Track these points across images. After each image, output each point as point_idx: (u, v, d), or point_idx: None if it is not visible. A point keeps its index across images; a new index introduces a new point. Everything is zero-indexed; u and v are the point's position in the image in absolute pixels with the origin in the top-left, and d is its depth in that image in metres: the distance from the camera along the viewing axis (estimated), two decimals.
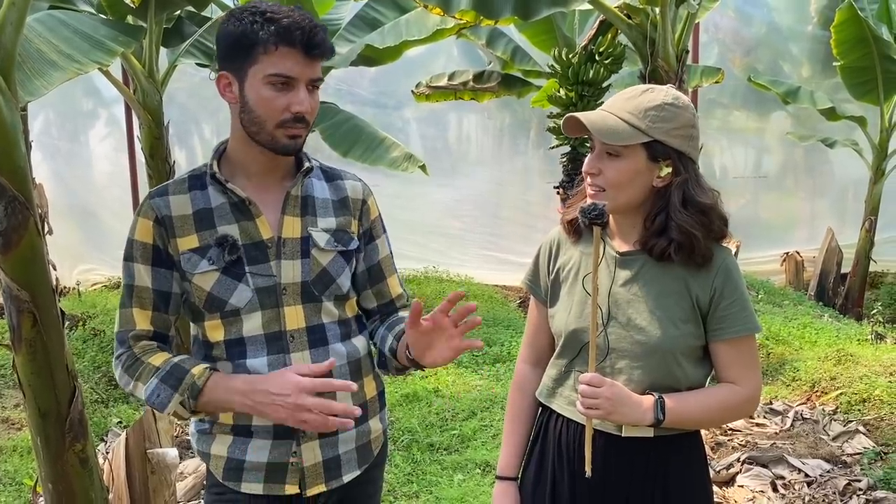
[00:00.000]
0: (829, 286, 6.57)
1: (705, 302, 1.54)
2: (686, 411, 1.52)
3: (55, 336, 2.20)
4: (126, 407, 4.23)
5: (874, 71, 5.83)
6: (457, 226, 7.32)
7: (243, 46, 1.46)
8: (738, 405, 1.59)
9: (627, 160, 1.50)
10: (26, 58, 2.45)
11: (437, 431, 3.87)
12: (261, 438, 1.55)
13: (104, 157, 7.05)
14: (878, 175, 6.31)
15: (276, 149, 1.50)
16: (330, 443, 1.58)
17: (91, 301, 5.85)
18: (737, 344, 1.56)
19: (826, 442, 3.67)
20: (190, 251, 1.51)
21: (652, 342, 1.52)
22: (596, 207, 1.45)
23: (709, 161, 6.96)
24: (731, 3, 6.83)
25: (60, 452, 2.27)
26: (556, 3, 3.35)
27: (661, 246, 1.51)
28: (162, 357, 1.52)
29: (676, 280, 1.54)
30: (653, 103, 1.49)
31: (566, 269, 1.65)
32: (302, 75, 1.46)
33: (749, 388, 1.57)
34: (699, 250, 1.50)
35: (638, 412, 1.49)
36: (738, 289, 1.55)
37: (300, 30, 1.44)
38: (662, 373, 1.54)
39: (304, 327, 1.55)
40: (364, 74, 6.95)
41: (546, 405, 1.68)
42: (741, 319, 1.54)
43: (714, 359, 1.58)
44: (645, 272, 1.55)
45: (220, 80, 1.52)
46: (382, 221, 1.73)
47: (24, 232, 2.09)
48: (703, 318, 1.55)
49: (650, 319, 1.53)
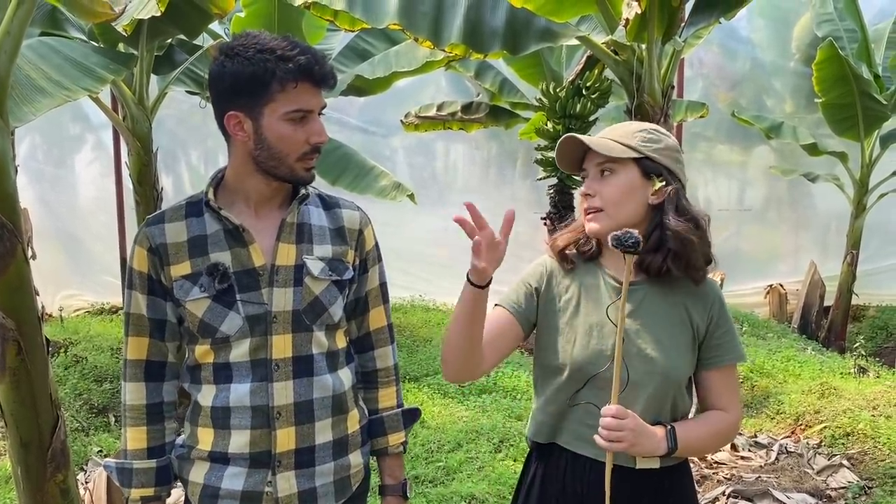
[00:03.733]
0: (812, 319, 6.62)
1: (703, 331, 1.59)
2: (691, 440, 1.56)
3: (39, 364, 2.18)
4: (107, 435, 4.18)
5: (854, 108, 5.94)
6: (444, 254, 7.32)
7: (257, 85, 1.45)
8: (729, 432, 1.64)
9: (622, 176, 1.54)
10: (15, 84, 2.45)
11: (423, 463, 3.83)
12: (237, 466, 1.54)
13: (90, 182, 7.02)
14: (859, 210, 6.40)
15: (295, 180, 1.54)
16: (306, 474, 1.57)
17: (73, 327, 5.78)
18: (727, 371, 1.62)
19: (811, 476, 3.68)
20: (182, 278, 1.52)
21: (664, 372, 1.54)
22: (632, 235, 1.44)
23: (693, 193, 7.02)
24: (715, 39, 6.95)
25: (41, 483, 2.24)
26: (544, 39, 3.39)
27: (657, 261, 1.54)
28: (134, 437, 1.58)
29: (677, 308, 1.57)
30: (640, 127, 1.58)
31: (563, 300, 1.63)
32: (317, 107, 1.49)
33: (736, 414, 1.63)
34: (695, 260, 1.54)
35: (654, 443, 1.51)
36: (729, 318, 1.62)
37: (317, 65, 1.46)
38: (670, 403, 1.57)
39: (290, 357, 1.54)
40: (353, 103, 6.98)
41: (545, 444, 1.64)
42: (733, 347, 1.61)
43: (703, 386, 1.62)
44: (648, 302, 1.57)
45: (229, 120, 1.49)
46: (379, 251, 1.73)
47: (12, 259, 2.08)
48: (699, 347, 1.59)
49: (659, 349, 1.55)
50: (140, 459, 1.57)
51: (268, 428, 1.53)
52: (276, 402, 1.52)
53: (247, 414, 1.52)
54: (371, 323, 1.72)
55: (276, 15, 4.68)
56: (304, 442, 1.56)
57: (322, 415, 1.57)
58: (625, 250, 1.45)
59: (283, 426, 1.53)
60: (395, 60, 5.02)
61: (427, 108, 6.12)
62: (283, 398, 1.53)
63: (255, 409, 1.52)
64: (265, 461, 1.54)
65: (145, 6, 2.75)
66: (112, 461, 1.60)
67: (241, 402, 1.52)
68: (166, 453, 1.60)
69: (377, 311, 1.72)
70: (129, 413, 1.58)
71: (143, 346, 1.56)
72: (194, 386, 1.58)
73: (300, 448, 1.55)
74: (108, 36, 3.92)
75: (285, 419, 1.53)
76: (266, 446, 1.53)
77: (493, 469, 3.72)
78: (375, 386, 1.73)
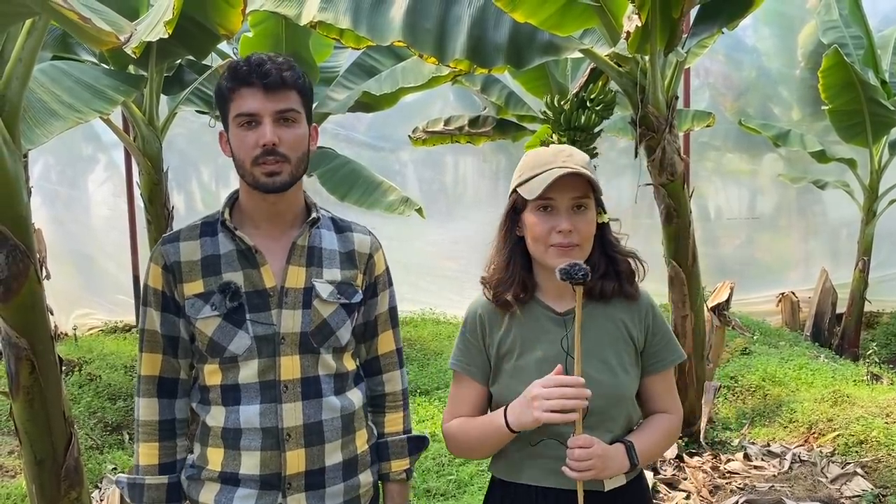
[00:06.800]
0: (824, 327, 6.58)
1: (641, 341, 1.62)
2: (647, 449, 1.60)
3: (53, 383, 2.22)
4: (121, 453, 4.21)
5: (862, 114, 5.92)
6: (453, 267, 7.34)
7: (220, 101, 1.54)
8: (677, 431, 1.71)
9: (591, 211, 1.57)
10: (28, 107, 2.50)
11: (434, 476, 3.84)
12: (247, 488, 1.55)
13: (103, 202, 7.09)
14: (869, 216, 6.37)
15: (258, 187, 1.53)
16: (317, 496, 1.58)
17: (88, 346, 5.83)
18: (666, 374, 1.66)
19: (825, 484, 3.66)
20: (195, 296, 1.55)
21: (617, 393, 1.57)
22: (581, 267, 1.45)
23: (703, 203, 7.02)
24: (721, 49, 6.96)
25: (55, 500, 2.27)
26: (547, 52, 3.42)
27: (609, 286, 1.58)
28: (146, 453, 1.59)
29: (616, 324, 1.60)
30: (586, 158, 1.59)
31: (507, 344, 1.61)
32: (264, 110, 1.49)
33: (680, 413, 1.68)
34: (636, 277, 1.61)
35: (618, 463, 1.54)
36: (663, 322, 1.65)
37: (248, 66, 1.50)
38: (623, 418, 1.60)
39: (298, 378, 1.56)
40: (361, 119, 7.04)
41: (510, 482, 1.63)
42: (670, 350, 1.65)
43: (646, 392, 1.65)
44: (589, 325, 1.57)
45: (220, 139, 1.59)
46: (389, 276, 1.74)
47: (25, 280, 2.12)
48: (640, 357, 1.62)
49: (608, 371, 1.57)
50: (151, 475, 1.59)
51: (278, 450, 1.54)
52: (286, 424, 1.54)
53: (257, 435, 1.54)
54: (380, 347, 1.73)
55: (284, 34, 4.74)
56: (314, 464, 1.56)
57: (332, 436, 1.58)
58: (574, 283, 1.46)
59: (292, 448, 1.54)
60: (401, 76, 5.06)
61: (435, 122, 6.15)
62: (293, 420, 1.54)
63: (265, 430, 1.54)
64: (275, 483, 1.55)
65: (153, 29, 2.79)
66: (124, 476, 1.62)
67: (250, 423, 1.53)
68: (177, 470, 1.62)
69: (386, 335, 1.73)
70: (141, 428, 1.60)
71: (157, 362, 1.59)
72: (202, 407, 1.60)
73: (310, 470, 1.56)
74: (118, 58, 3.98)
75: (295, 441, 1.54)
76: (276, 468, 1.54)
77: None
78: (383, 410, 1.74)
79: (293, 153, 1.52)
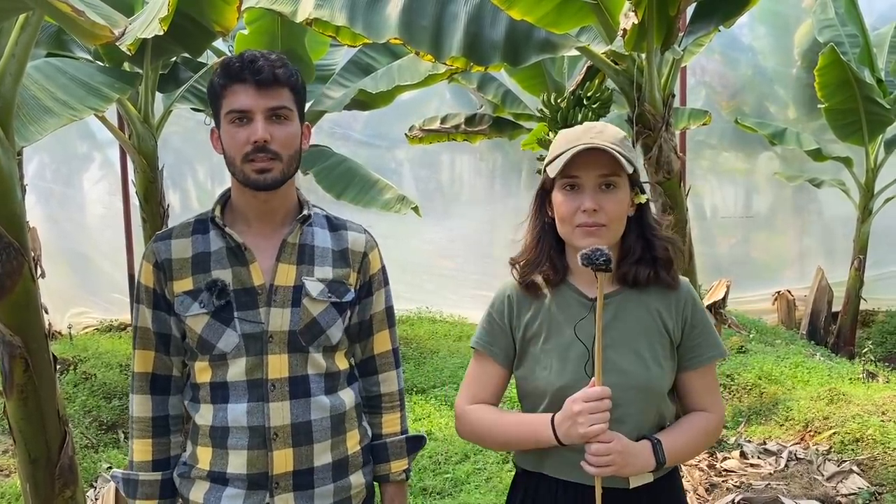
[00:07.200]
0: (820, 325, 6.59)
1: (678, 334, 1.54)
2: (678, 448, 1.52)
3: (47, 381, 2.21)
4: (116, 452, 4.19)
5: (858, 113, 5.93)
6: (449, 266, 7.34)
7: (213, 98, 1.54)
8: (715, 432, 1.61)
9: (622, 190, 1.49)
10: (22, 104, 2.49)
11: (430, 475, 3.83)
12: (235, 487, 1.54)
13: (98, 200, 7.07)
14: (865, 214, 6.38)
15: (248, 184, 1.52)
16: (305, 496, 1.56)
17: (83, 344, 5.81)
18: (707, 371, 1.57)
19: (821, 482, 3.66)
20: (184, 293, 1.54)
21: (646, 386, 1.49)
22: (603, 253, 1.38)
23: (699, 201, 7.02)
24: (716, 47, 6.96)
25: (50, 499, 2.25)
26: (543, 50, 3.41)
27: (644, 271, 1.51)
28: (140, 449, 1.59)
29: (651, 314, 1.53)
30: (619, 135, 1.50)
31: (534, 327, 1.57)
32: (256, 107, 1.48)
33: (720, 412, 1.60)
34: (678, 264, 1.53)
35: (642, 460, 1.47)
36: (704, 315, 1.57)
37: (241, 63, 1.49)
38: (654, 413, 1.53)
39: (286, 377, 1.54)
40: (358, 117, 7.03)
41: (532, 472, 1.59)
42: (710, 346, 1.56)
43: (684, 388, 1.58)
44: (622, 313, 1.52)
45: (212, 136, 1.58)
46: (385, 275, 1.72)
47: (19, 278, 2.11)
48: (676, 350, 1.55)
49: (639, 363, 1.50)
50: (145, 471, 1.59)
51: (265, 449, 1.53)
52: (273, 423, 1.52)
53: (244, 434, 1.53)
54: (375, 347, 1.71)
55: (279, 32, 4.73)
56: (302, 464, 1.55)
57: (321, 436, 1.57)
58: (596, 268, 1.39)
59: (279, 447, 1.53)
60: (398, 74, 5.05)
61: (431, 120, 6.14)
62: (280, 419, 1.53)
63: (252, 429, 1.53)
64: (262, 483, 1.53)
65: (148, 26, 2.78)
66: (119, 472, 1.62)
67: (237, 422, 1.53)
68: (171, 467, 1.61)
69: (382, 335, 1.71)
70: (135, 425, 1.60)
71: (149, 359, 1.58)
72: (193, 405, 1.59)
73: (298, 470, 1.55)
74: (112, 55, 3.97)
75: (282, 440, 1.53)
76: (263, 468, 1.53)
77: (501, 480, 3.71)
78: (379, 411, 1.72)
79: (285, 151, 1.51)
